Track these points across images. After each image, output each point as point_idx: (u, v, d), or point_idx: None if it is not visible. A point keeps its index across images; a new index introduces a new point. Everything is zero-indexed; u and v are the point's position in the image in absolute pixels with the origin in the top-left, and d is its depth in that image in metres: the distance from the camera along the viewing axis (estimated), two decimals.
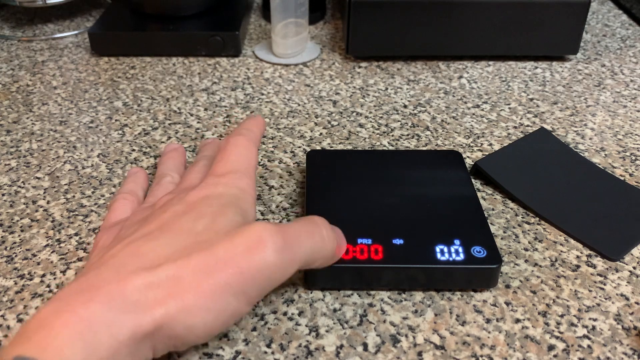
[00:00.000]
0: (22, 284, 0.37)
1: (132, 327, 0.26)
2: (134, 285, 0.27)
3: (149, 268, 0.28)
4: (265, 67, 0.63)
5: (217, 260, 0.28)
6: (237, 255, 0.29)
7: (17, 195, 0.45)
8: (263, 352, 0.33)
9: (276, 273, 0.29)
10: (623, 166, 0.48)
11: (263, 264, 0.29)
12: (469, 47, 0.62)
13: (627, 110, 0.55)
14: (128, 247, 0.29)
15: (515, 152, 0.48)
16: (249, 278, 0.28)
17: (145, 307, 0.27)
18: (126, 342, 0.26)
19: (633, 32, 0.71)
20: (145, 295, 0.27)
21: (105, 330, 0.25)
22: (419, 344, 0.33)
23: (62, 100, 0.57)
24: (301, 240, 0.31)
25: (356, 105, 0.56)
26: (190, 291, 0.27)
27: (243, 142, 0.36)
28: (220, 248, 0.29)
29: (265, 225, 0.30)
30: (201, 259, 0.28)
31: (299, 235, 0.31)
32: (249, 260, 0.29)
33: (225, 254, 0.28)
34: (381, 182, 0.41)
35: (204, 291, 0.28)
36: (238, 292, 0.28)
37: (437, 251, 0.36)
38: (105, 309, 0.26)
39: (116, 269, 0.28)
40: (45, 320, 0.25)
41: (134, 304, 0.26)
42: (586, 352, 0.33)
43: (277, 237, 0.30)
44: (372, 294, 0.36)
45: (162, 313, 0.27)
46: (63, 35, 0.69)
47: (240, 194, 0.33)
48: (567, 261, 0.39)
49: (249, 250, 0.29)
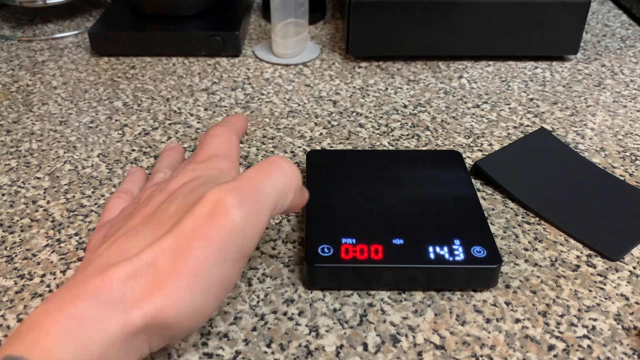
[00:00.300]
0: (22, 284, 0.37)
1: (122, 322, 0.26)
2: (117, 277, 0.27)
3: (129, 258, 0.27)
4: (265, 67, 0.63)
5: (185, 236, 0.27)
6: (202, 225, 0.28)
7: (17, 195, 0.45)
8: (263, 352, 0.33)
9: (248, 228, 0.28)
10: (623, 166, 0.48)
11: (230, 225, 0.28)
12: (469, 47, 0.62)
13: (627, 110, 0.55)
14: (113, 245, 0.29)
15: (515, 152, 0.48)
16: (222, 244, 0.28)
17: (132, 301, 0.26)
18: (118, 337, 0.26)
19: (633, 32, 0.71)
20: (131, 286, 0.27)
21: (95, 326, 0.25)
22: (419, 344, 0.33)
23: (62, 100, 0.57)
24: (261, 185, 0.30)
25: (356, 105, 0.56)
26: (169, 276, 0.27)
27: (223, 131, 0.36)
28: (186, 223, 0.28)
29: (220, 186, 0.29)
30: (171, 240, 0.28)
31: (257, 182, 0.30)
32: (215, 226, 0.28)
33: (191, 228, 0.28)
34: (381, 182, 0.41)
35: (181, 272, 0.27)
36: (218, 261, 0.27)
37: (437, 251, 0.36)
38: (93, 306, 0.26)
39: (100, 267, 0.28)
40: (35, 320, 0.25)
41: (121, 298, 0.26)
42: (586, 352, 0.33)
43: (234, 193, 0.28)
44: (372, 294, 0.36)
45: (150, 306, 0.26)
46: (63, 35, 0.69)
47: (220, 174, 0.33)
48: (567, 261, 0.39)
49: (212, 216, 0.28)
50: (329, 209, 0.39)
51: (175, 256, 0.27)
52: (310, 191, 0.41)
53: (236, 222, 0.28)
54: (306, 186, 0.41)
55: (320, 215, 0.38)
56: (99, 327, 0.25)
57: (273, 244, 0.40)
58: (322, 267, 0.35)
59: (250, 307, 0.35)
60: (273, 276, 0.38)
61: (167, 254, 0.27)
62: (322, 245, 0.36)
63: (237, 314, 0.35)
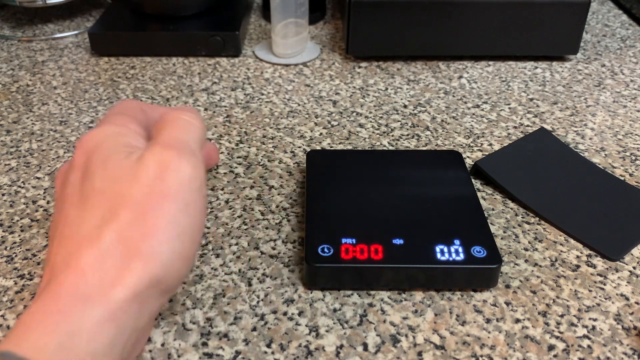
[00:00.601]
0: (22, 284, 0.37)
1: (105, 304, 0.26)
2: (88, 265, 0.27)
3: (90, 244, 0.28)
4: (265, 67, 0.63)
5: (141, 204, 0.28)
6: (153, 188, 0.28)
7: (17, 195, 0.45)
8: (263, 352, 0.33)
9: (194, 173, 0.30)
10: (623, 166, 0.48)
11: (180, 177, 0.29)
12: (469, 47, 0.62)
13: (627, 110, 0.55)
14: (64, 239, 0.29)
15: (515, 152, 0.48)
16: (179, 194, 0.29)
17: (111, 282, 0.27)
18: (105, 318, 0.26)
19: (633, 32, 0.71)
20: (104, 270, 0.27)
21: (78, 315, 0.26)
22: (419, 344, 0.33)
23: (62, 100, 0.57)
24: (183, 138, 0.31)
25: (356, 105, 0.56)
26: (139, 242, 0.27)
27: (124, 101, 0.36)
28: (135, 192, 0.28)
29: (151, 150, 0.30)
30: (127, 212, 0.28)
31: (178, 136, 0.31)
32: (167, 184, 0.29)
33: (143, 195, 0.28)
34: (381, 182, 0.41)
35: (150, 233, 0.28)
36: (180, 208, 0.29)
37: (437, 251, 0.36)
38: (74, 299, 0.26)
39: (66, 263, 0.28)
40: (19, 322, 0.26)
41: (99, 283, 0.27)
42: (586, 352, 0.33)
43: (168, 150, 0.30)
44: (372, 294, 0.36)
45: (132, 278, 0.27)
46: (63, 35, 0.69)
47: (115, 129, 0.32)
48: (567, 261, 0.39)
49: (160, 178, 0.29)
50: (329, 209, 0.39)
51: (138, 224, 0.28)
52: (310, 191, 0.41)
53: (184, 172, 0.29)
54: (306, 186, 0.41)
55: (320, 215, 0.38)
56: (82, 315, 0.26)
57: (273, 244, 0.40)
58: (322, 267, 0.35)
59: (250, 307, 0.35)
60: (273, 276, 0.38)
61: (129, 226, 0.28)
62: (322, 245, 0.36)
63: (237, 314, 0.35)
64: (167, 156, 0.29)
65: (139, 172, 0.29)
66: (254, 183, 0.46)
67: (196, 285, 0.37)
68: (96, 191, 0.30)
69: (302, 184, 0.46)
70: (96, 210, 0.29)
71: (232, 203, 0.44)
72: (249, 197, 0.44)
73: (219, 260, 0.39)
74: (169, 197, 0.28)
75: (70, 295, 0.26)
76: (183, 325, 0.34)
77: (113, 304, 0.27)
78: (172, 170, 0.29)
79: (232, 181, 0.46)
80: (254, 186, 0.45)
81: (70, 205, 0.30)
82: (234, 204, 0.44)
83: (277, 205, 0.44)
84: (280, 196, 0.44)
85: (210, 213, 0.43)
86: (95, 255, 0.27)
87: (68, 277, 0.27)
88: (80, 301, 0.26)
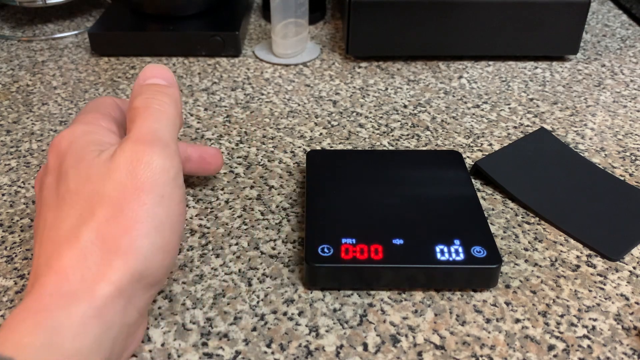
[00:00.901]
0: (22, 284, 0.37)
1: (89, 301, 0.26)
2: (68, 266, 0.27)
3: (69, 244, 0.28)
4: (265, 67, 0.63)
5: (116, 201, 0.28)
6: (127, 185, 0.29)
7: (17, 195, 0.45)
8: (263, 352, 0.33)
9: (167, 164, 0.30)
10: (623, 166, 0.48)
11: (153, 171, 0.29)
12: (469, 47, 0.62)
13: (627, 110, 0.55)
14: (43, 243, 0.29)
15: (515, 152, 0.48)
16: (153, 187, 0.29)
17: (93, 279, 0.27)
18: (89, 314, 0.26)
19: (633, 32, 0.71)
20: (86, 268, 0.27)
21: (63, 313, 0.26)
22: (419, 344, 0.33)
23: (62, 100, 0.57)
24: (154, 128, 0.31)
25: (356, 105, 0.56)
26: (118, 238, 0.28)
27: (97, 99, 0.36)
28: (109, 190, 0.29)
29: (122, 147, 0.30)
30: (104, 210, 0.28)
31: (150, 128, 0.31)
32: (140, 180, 0.29)
33: (118, 192, 0.29)
34: (381, 182, 0.41)
35: (128, 227, 0.28)
36: (156, 201, 0.29)
37: (437, 251, 0.36)
38: (57, 298, 0.26)
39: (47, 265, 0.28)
40: (4, 325, 0.26)
41: (81, 281, 0.27)
42: (586, 352, 0.33)
43: (140, 146, 0.30)
44: (372, 294, 0.36)
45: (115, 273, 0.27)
46: (63, 35, 0.69)
47: (85, 128, 0.32)
48: (567, 261, 0.39)
49: (134, 174, 0.29)
50: (329, 209, 0.39)
51: (115, 221, 0.28)
52: (310, 191, 0.41)
53: (156, 164, 0.29)
54: (306, 186, 0.41)
55: (320, 215, 0.38)
56: (66, 313, 0.26)
57: (273, 244, 0.40)
58: (322, 267, 0.35)
59: (250, 307, 0.35)
60: (273, 276, 0.38)
61: (107, 223, 0.28)
62: (322, 245, 0.36)
63: (237, 314, 0.35)
64: (138, 151, 0.29)
65: (112, 169, 0.29)
66: (254, 183, 0.46)
67: (196, 285, 0.37)
68: (71, 192, 0.30)
69: (302, 184, 0.46)
70: (73, 211, 0.29)
71: (232, 203, 0.44)
72: (249, 197, 0.44)
73: (219, 260, 0.39)
74: (143, 191, 0.29)
75: (53, 294, 0.26)
76: (183, 325, 0.34)
77: (97, 301, 0.27)
78: (144, 164, 0.29)
79: (232, 181, 0.46)
80: (254, 186, 0.45)
81: (47, 208, 0.30)
82: (234, 204, 0.44)
83: (277, 205, 0.44)
84: (280, 196, 0.44)
85: (210, 213, 0.43)
86: (75, 254, 0.27)
87: (50, 278, 0.27)
88: (64, 299, 0.26)
